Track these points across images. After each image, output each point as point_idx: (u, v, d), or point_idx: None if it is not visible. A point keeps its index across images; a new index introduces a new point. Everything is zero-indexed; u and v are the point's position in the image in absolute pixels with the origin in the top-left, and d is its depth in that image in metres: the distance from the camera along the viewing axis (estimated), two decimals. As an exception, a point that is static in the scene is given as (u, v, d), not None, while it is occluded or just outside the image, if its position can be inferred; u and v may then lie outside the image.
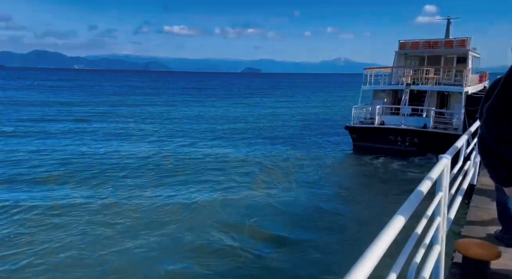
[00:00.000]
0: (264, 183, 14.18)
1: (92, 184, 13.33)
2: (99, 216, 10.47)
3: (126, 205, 11.40)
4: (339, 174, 16.12)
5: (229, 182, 14.25)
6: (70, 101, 47.75)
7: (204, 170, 15.79)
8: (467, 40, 20.68)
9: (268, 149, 20.58)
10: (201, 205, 11.64)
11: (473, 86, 21.21)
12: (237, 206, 11.61)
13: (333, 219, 10.77)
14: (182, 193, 12.79)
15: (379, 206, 11.49)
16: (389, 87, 21.42)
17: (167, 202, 11.83)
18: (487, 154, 2.03)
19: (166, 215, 10.72)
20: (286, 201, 12.19)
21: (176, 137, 23.72)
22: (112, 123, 29.32)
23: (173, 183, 13.88)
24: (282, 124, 30.41)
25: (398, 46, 22.92)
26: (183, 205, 11.52)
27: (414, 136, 18.50)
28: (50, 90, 71.27)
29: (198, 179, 14.35)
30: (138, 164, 16.38)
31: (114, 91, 73.62)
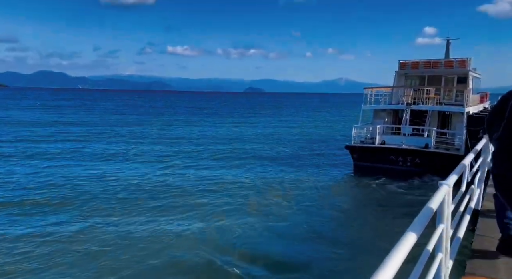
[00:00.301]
0: (260, 206, 13.84)
1: (82, 210, 12.89)
2: (86, 244, 10.11)
3: (120, 231, 11.05)
4: (337, 196, 15.71)
5: (226, 204, 13.92)
6: (69, 121, 47.79)
7: (200, 192, 15.48)
8: (467, 61, 20.67)
9: (265, 170, 20.25)
10: (196, 229, 11.35)
11: (474, 106, 21.05)
12: (232, 229, 11.36)
13: (329, 245, 10.39)
14: (177, 216, 12.43)
15: (378, 231, 11.15)
16: (390, 107, 21.28)
17: (162, 228, 11.47)
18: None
19: (161, 240, 10.38)
20: (282, 225, 11.87)
21: (173, 158, 23.43)
22: (109, 144, 29.13)
23: (168, 206, 13.52)
24: (282, 144, 30.17)
25: (398, 66, 22.94)
26: (177, 230, 11.23)
27: (416, 156, 18.20)
28: (50, 109, 71.63)
29: (193, 202, 13.98)
30: (132, 188, 15.96)
31: (115, 110, 73.95)
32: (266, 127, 45.46)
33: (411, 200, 14.74)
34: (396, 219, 12.14)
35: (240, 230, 11.23)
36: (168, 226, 11.49)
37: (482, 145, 5.37)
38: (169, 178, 17.84)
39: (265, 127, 44.70)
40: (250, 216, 12.65)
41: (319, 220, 12.54)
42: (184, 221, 12.00)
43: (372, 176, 18.15)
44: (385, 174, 18.06)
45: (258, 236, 10.87)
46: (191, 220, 12.11)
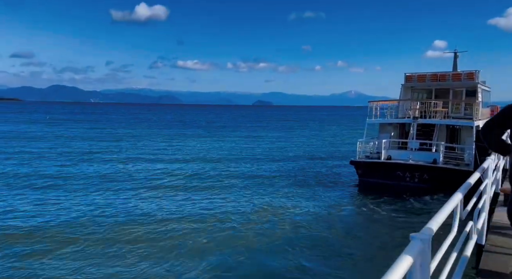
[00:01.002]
0: (259, 223, 13.33)
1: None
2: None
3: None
4: (339, 214, 14.95)
5: (224, 222, 13.44)
6: (75, 135, 47.99)
7: (201, 211, 14.96)
8: (476, 73, 20.08)
9: (267, 185, 19.66)
10: (200, 247, 11.01)
11: (484, 120, 20.37)
12: (231, 247, 11.02)
13: (327, 265, 9.92)
14: (177, 241, 11.89)
15: (380, 253, 10.52)
16: (396, 121, 20.68)
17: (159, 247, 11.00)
18: None
19: (154, 260, 9.90)
20: (279, 242, 11.37)
21: (175, 175, 23.02)
22: (112, 159, 28.94)
23: (168, 230, 12.98)
24: (288, 158, 29.62)
25: (404, 79, 22.43)
26: (180, 251, 10.76)
27: (424, 172, 17.50)
28: (59, 123, 72.30)
29: (194, 225, 13.47)
30: (127, 215, 15.45)
31: (123, 124, 74.28)
32: (272, 141, 44.95)
33: (419, 219, 14.04)
34: (402, 240, 11.44)
35: (238, 248, 10.93)
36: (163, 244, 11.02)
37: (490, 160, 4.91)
38: (165, 203, 17.15)
39: (270, 142, 44.20)
40: (247, 233, 12.25)
41: (319, 238, 12.00)
42: (181, 241, 11.52)
43: (378, 192, 17.46)
44: (392, 191, 17.37)
45: (256, 255, 10.53)
46: (189, 240, 11.63)
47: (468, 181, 3.64)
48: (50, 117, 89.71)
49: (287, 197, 17.16)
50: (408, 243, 1.66)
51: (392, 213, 14.92)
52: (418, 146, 18.56)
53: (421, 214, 14.66)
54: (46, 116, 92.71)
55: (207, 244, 11.22)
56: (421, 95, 23.75)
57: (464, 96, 20.82)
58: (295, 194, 17.89)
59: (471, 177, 3.74)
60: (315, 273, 9.51)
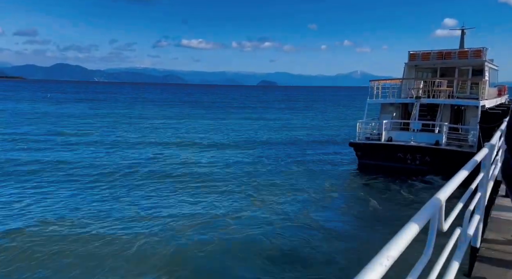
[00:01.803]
0: (255, 205, 12.95)
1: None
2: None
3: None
4: (337, 196, 14.56)
5: (222, 201, 13.17)
6: (72, 113, 47.57)
7: (202, 187, 14.69)
8: (483, 51, 19.09)
9: (265, 166, 19.22)
10: (196, 222, 10.91)
11: (490, 100, 19.55)
12: (228, 226, 10.86)
13: (324, 251, 9.50)
14: (172, 211, 11.59)
15: (377, 238, 10.05)
16: (398, 101, 19.89)
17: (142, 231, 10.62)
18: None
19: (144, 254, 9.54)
20: (275, 228, 10.90)
21: (174, 148, 22.63)
22: (113, 136, 28.54)
23: (163, 200, 12.70)
24: (287, 139, 29.06)
25: (408, 57, 21.49)
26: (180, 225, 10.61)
27: (425, 154, 16.88)
28: (59, 101, 71.86)
29: (194, 197, 13.19)
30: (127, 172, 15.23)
31: (126, 103, 73.74)
32: (274, 121, 44.33)
33: (420, 202, 13.58)
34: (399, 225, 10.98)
35: (235, 226, 10.79)
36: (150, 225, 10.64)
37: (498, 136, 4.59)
38: (164, 166, 17.05)
39: (271, 123, 43.57)
40: (244, 213, 11.97)
41: (312, 220, 11.57)
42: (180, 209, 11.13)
43: (377, 175, 16.97)
44: (392, 173, 16.82)
45: (252, 236, 10.26)
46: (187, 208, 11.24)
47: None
48: (50, 95, 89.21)
49: (284, 180, 16.67)
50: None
51: (391, 196, 14.45)
52: (420, 127, 17.85)
53: (421, 197, 14.22)
54: (47, 95, 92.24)
55: (211, 222, 11.07)
56: (426, 74, 22.84)
57: (471, 75, 19.91)
58: (292, 176, 17.40)
59: (477, 154, 3.37)
60: (309, 256, 9.20)
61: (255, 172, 17.70)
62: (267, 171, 18.12)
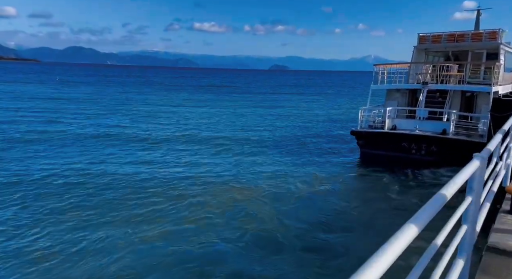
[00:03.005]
0: (249, 197, 12.22)
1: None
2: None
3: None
4: (336, 187, 13.72)
5: (221, 192, 12.54)
6: (77, 97, 47.21)
7: (195, 180, 13.99)
8: (499, 33, 17.61)
9: (262, 153, 18.42)
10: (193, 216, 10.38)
11: (505, 86, 18.20)
12: (225, 218, 10.35)
13: (323, 247, 8.90)
14: (171, 207, 10.93)
15: (379, 229, 9.47)
16: (404, 86, 18.68)
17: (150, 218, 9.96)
18: None
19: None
20: (270, 221, 10.26)
21: (171, 142, 21.96)
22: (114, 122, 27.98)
23: (155, 201, 12.02)
24: (290, 127, 28.09)
25: (418, 40, 20.11)
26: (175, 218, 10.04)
27: (431, 144, 15.80)
28: (67, 84, 71.70)
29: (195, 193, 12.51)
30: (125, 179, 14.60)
31: (131, 87, 73.27)
32: (281, 108, 43.32)
33: (423, 195, 12.70)
34: (402, 217, 10.23)
35: (231, 218, 10.32)
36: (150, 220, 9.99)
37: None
38: (158, 166, 16.38)
39: (279, 108, 42.60)
40: (240, 204, 11.40)
41: (312, 214, 10.89)
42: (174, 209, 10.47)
43: (380, 165, 16.02)
44: (396, 163, 15.86)
45: (248, 229, 9.71)
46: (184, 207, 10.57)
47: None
48: (59, 78, 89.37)
49: (283, 168, 15.88)
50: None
51: (393, 188, 13.58)
52: (426, 114, 16.67)
53: (424, 188, 13.31)
54: (56, 78, 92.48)
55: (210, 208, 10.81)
56: (437, 58, 21.47)
57: (485, 59, 18.51)
58: (292, 164, 16.61)
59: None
60: (308, 247, 8.80)
61: (246, 162, 16.84)
62: (262, 160, 17.30)
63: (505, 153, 5.15)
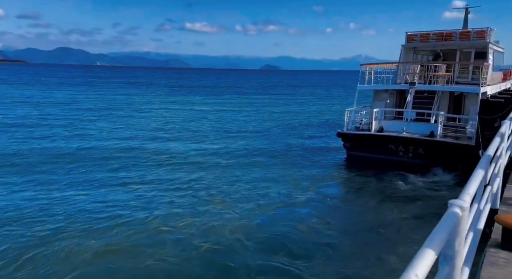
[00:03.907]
0: (229, 203, 11.57)
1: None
2: None
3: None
4: (319, 193, 13.08)
5: (194, 197, 11.93)
6: (56, 97, 46.01)
7: (172, 184, 13.28)
8: (487, 31, 17.17)
9: (243, 156, 17.71)
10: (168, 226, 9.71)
11: (494, 86, 17.77)
12: (195, 228, 9.68)
13: (302, 252, 8.46)
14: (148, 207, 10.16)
15: (367, 236, 9.10)
16: (392, 87, 18.15)
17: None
18: None
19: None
20: (251, 228, 9.71)
21: (148, 138, 21.16)
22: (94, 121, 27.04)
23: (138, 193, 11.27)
24: (278, 128, 27.44)
25: (405, 39, 19.61)
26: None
27: (419, 146, 15.29)
28: (49, 86, 70.05)
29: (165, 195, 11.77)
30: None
31: (117, 88, 72.04)
32: (265, 108, 42.67)
33: (411, 199, 12.25)
34: (390, 223, 10.23)
35: (203, 227, 9.69)
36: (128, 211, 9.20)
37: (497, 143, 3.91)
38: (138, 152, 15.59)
39: (264, 109, 41.94)
40: (216, 211, 10.85)
41: (295, 221, 10.35)
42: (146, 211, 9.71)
43: (366, 168, 15.47)
44: (383, 166, 15.32)
45: (222, 239, 9.11)
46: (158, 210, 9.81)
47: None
48: (44, 80, 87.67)
49: (264, 173, 15.20)
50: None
51: (380, 193, 13.03)
52: (414, 116, 16.16)
53: (410, 194, 12.79)
54: (41, 79, 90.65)
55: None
56: (425, 57, 21.01)
57: (473, 58, 18.06)
58: (274, 169, 15.92)
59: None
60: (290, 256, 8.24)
61: (226, 165, 16.16)
62: (244, 163, 16.61)
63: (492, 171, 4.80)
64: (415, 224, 9.98)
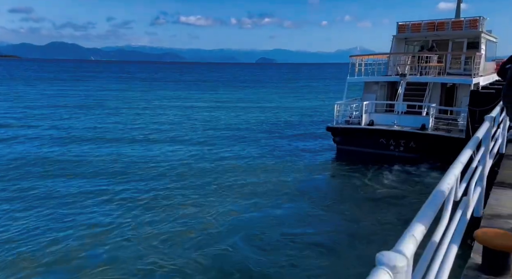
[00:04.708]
0: (215, 201, 11.10)
1: None
2: None
3: None
4: (308, 188, 12.67)
5: (174, 197, 11.33)
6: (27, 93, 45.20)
7: (151, 181, 12.75)
8: (480, 20, 16.68)
9: (234, 153, 17.21)
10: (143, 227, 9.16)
11: (486, 76, 17.34)
12: (180, 229, 9.17)
13: (294, 250, 8.16)
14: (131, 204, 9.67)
15: (358, 231, 8.90)
16: (382, 79, 17.69)
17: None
18: None
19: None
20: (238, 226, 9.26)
21: (135, 138, 20.62)
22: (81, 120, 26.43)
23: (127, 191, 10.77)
24: (271, 122, 26.96)
25: (397, 29, 19.12)
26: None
27: (410, 140, 14.90)
28: (34, 81, 68.94)
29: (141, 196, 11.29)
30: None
31: (103, 83, 71.12)
32: (256, 103, 42.14)
33: (400, 193, 11.90)
34: (379, 218, 9.95)
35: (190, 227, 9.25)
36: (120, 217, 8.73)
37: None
38: (120, 158, 15.07)
39: (259, 104, 41.42)
40: (201, 213, 10.28)
41: (283, 217, 10.07)
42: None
43: (357, 163, 15.08)
44: (374, 161, 14.95)
45: (208, 237, 8.78)
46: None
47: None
48: (34, 75, 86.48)
49: (248, 172, 14.66)
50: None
51: (373, 185, 12.74)
52: (405, 109, 15.72)
53: (403, 189, 12.42)
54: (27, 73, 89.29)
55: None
56: (417, 48, 20.53)
57: (465, 48, 17.60)
58: (263, 163, 15.48)
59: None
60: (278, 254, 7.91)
61: (214, 164, 15.60)
62: (232, 160, 16.11)
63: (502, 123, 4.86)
64: (403, 221, 9.62)
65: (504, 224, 3.09)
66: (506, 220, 3.25)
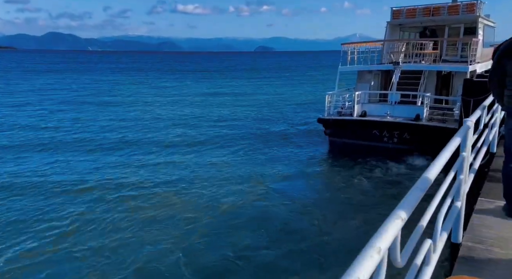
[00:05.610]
0: (203, 196, 10.66)
1: None
2: None
3: None
4: (299, 183, 12.24)
5: (158, 195, 10.76)
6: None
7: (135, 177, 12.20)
8: (477, 4, 15.92)
9: (220, 149, 16.62)
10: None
11: (484, 63, 16.65)
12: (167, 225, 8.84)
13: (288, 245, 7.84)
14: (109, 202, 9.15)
15: (351, 225, 8.56)
16: (376, 68, 17.00)
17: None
18: None
19: None
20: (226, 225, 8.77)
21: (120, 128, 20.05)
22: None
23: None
24: (263, 114, 26.35)
25: (391, 15, 18.35)
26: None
27: (404, 131, 14.32)
28: (25, 73, 67.98)
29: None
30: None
31: (89, 73, 70.17)
32: (247, 95, 41.46)
33: (393, 187, 11.40)
34: (372, 210, 9.60)
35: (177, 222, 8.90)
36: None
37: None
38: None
39: (253, 96, 40.74)
40: (188, 209, 9.78)
41: (275, 212, 9.71)
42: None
43: (350, 155, 14.56)
44: (367, 153, 14.41)
45: (197, 235, 8.39)
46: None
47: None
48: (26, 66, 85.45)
49: (239, 165, 14.17)
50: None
51: (366, 178, 12.24)
52: (399, 98, 15.08)
53: (396, 181, 11.94)
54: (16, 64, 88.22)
55: None
56: (413, 34, 19.78)
57: (463, 34, 16.88)
58: (251, 158, 14.97)
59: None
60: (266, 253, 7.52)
61: (198, 160, 15.02)
62: (217, 156, 15.56)
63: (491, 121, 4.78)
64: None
65: (487, 254, 2.55)
66: (488, 248, 2.76)
